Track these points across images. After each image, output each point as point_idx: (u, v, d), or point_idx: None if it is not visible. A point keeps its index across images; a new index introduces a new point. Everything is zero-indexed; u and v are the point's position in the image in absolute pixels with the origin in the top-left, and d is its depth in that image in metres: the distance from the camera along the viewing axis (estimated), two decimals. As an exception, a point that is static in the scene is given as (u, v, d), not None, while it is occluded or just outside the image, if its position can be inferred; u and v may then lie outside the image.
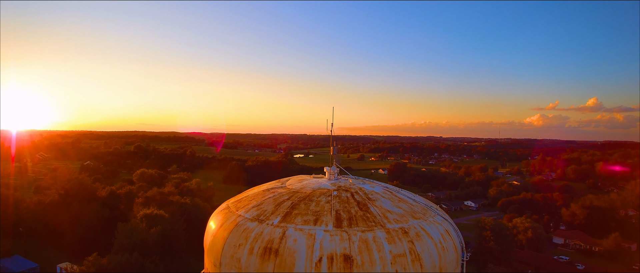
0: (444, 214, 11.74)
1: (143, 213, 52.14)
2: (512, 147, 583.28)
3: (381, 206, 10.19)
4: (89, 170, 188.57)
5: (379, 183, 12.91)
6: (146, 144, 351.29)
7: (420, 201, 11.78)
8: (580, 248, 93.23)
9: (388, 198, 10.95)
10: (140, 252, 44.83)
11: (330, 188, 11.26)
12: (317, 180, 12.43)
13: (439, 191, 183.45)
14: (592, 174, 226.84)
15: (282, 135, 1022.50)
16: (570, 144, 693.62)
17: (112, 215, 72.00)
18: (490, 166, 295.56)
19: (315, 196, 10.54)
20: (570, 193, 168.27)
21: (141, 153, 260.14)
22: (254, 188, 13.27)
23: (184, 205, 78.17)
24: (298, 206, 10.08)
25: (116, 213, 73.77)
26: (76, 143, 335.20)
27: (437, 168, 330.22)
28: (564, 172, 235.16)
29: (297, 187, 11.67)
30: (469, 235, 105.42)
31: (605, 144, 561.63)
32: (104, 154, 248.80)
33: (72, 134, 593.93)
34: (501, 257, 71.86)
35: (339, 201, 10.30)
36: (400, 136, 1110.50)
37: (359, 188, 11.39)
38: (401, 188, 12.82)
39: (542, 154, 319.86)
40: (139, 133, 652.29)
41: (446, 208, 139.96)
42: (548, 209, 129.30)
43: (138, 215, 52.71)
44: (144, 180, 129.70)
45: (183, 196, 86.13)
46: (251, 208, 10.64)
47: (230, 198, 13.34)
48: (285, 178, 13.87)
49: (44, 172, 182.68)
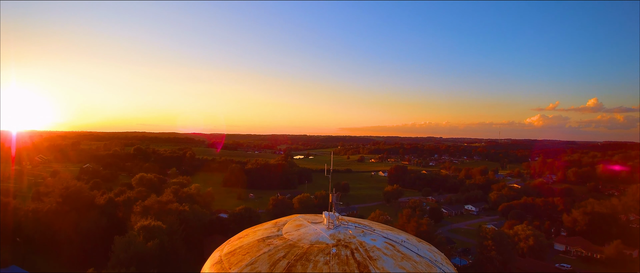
0: (449, 268, 11.10)
1: (140, 225, 51.55)
2: (513, 148, 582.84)
3: (383, 268, 9.55)
4: (88, 173, 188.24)
5: (380, 231, 12.23)
6: (146, 146, 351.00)
7: (425, 254, 11.12)
8: (582, 256, 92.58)
9: (390, 255, 10.29)
10: (137, 266, 44.29)
11: (329, 241, 10.59)
12: (316, 229, 11.77)
13: (439, 195, 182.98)
14: (593, 177, 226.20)
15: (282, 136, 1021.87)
16: (571, 144, 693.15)
17: (110, 224, 71.48)
18: (491, 168, 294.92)
19: (313, 255, 9.89)
20: (571, 197, 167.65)
21: (141, 155, 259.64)
22: (249, 232, 12.57)
23: (183, 212, 77.67)
24: (294, 266, 9.42)
25: (114, 222, 73.26)
26: (76, 144, 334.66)
27: (437, 170, 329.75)
28: (564, 175, 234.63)
29: (294, 238, 11.00)
30: (470, 241, 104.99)
31: (605, 145, 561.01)
32: (104, 157, 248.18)
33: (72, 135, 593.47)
34: (503, 266, 71.30)
35: (338, 261, 9.64)
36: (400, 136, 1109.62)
37: (359, 243, 10.71)
38: (405, 240, 12.12)
39: (542, 156, 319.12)
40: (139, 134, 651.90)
41: (447, 212, 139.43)
42: (549, 214, 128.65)
43: (135, 226, 52.12)
44: (143, 185, 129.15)
45: (182, 203, 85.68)
46: (245, 267, 9.99)
47: (224, 243, 12.66)
48: (282, 219, 13.18)
49: (44, 175, 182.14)
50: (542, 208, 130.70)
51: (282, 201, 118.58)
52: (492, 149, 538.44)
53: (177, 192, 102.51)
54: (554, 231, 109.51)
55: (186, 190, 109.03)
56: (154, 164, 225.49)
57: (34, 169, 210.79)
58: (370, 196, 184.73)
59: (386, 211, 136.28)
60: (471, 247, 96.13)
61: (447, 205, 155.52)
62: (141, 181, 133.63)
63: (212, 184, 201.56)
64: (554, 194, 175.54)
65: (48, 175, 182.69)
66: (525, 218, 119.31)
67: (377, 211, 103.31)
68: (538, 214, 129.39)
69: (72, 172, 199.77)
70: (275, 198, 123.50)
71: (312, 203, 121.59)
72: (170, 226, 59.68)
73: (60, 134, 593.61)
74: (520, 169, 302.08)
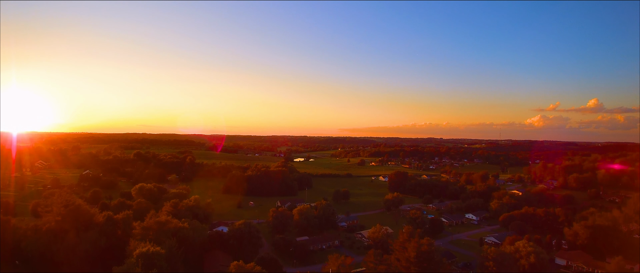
0: None
1: (139, 251, 51.25)
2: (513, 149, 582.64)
3: None
4: (88, 180, 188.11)
5: None
6: (145, 150, 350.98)
7: None
8: (583, 271, 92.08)
9: None
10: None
11: None
12: None
13: (440, 202, 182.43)
14: (594, 182, 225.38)
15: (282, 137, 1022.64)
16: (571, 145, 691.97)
17: (109, 244, 71.16)
18: (491, 173, 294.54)
19: None
20: (573, 205, 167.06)
21: (141, 160, 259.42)
22: None
23: (182, 230, 77.30)
24: None
25: (113, 241, 72.89)
26: (76, 148, 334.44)
27: (437, 174, 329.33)
28: (565, 180, 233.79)
29: None
30: (471, 254, 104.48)
31: (606, 146, 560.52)
32: (104, 162, 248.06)
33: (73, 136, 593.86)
34: (503, 285, 70.81)
35: None
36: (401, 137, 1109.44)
37: None
38: None
39: (543, 161, 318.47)
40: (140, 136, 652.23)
41: (447, 222, 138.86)
42: (550, 224, 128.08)
43: (134, 253, 51.81)
44: (142, 195, 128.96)
45: (181, 218, 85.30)
46: None
47: None
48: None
49: (45, 182, 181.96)
50: (543, 218, 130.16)
51: (282, 213, 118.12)
52: (492, 151, 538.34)
53: (176, 205, 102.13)
54: (555, 244, 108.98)
55: (186, 202, 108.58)
56: (154, 170, 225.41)
57: (35, 175, 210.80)
58: (370, 203, 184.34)
59: (386, 221, 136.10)
60: (472, 260, 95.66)
61: (447, 213, 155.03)
62: (141, 192, 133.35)
63: (212, 190, 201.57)
64: (555, 202, 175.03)
65: (49, 181, 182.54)
66: (526, 230, 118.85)
67: (377, 225, 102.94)
68: (539, 225, 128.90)
69: (72, 178, 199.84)
70: (274, 210, 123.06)
71: (313, 214, 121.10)
72: (170, 250, 59.38)
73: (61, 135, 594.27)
74: (520, 174, 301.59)
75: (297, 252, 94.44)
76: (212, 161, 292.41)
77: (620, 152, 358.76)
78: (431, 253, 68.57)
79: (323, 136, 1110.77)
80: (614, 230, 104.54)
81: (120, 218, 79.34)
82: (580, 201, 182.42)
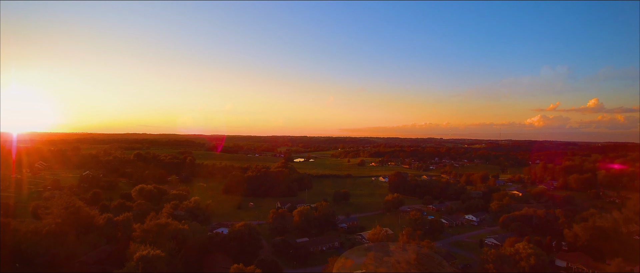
0: None
1: (139, 255, 51.32)
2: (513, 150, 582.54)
3: None
4: (88, 181, 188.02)
5: None
6: (146, 150, 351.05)
7: None
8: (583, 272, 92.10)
9: None
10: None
11: None
12: None
13: (440, 203, 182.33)
14: (594, 183, 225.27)
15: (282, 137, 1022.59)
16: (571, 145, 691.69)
17: (109, 247, 71.13)
18: (491, 173, 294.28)
19: None
20: (573, 205, 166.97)
21: (141, 161, 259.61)
22: None
23: (182, 232, 77.34)
24: None
25: (113, 245, 72.90)
26: (76, 149, 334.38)
27: (437, 174, 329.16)
28: (565, 181, 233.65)
29: None
30: (471, 255, 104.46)
31: (606, 146, 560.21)
32: (104, 163, 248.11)
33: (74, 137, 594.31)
34: (503, 288, 70.84)
35: None
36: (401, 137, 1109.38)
37: None
38: None
39: (543, 161, 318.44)
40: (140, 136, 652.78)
41: (447, 223, 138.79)
42: (550, 225, 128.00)
43: (134, 256, 51.88)
44: (142, 197, 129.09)
45: (181, 221, 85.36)
46: None
47: None
48: None
49: (45, 184, 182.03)
50: (543, 219, 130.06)
51: (282, 215, 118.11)
52: (492, 151, 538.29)
53: (176, 207, 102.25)
54: (555, 246, 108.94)
55: (186, 204, 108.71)
56: (154, 171, 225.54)
57: (35, 176, 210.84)
58: (370, 204, 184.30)
59: (386, 222, 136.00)
60: (472, 262, 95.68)
61: (447, 214, 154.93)
62: (141, 193, 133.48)
63: (212, 190, 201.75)
64: (555, 202, 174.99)
65: (49, 182, 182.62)
66: (526, 232, 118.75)
67: (377, 227, 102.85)
68: (539, 226, 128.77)
69: (72, 179, 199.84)
70: (274, 211, 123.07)
71: (313, 215, 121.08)
72: (170, 253, 59.43)
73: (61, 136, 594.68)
74: (520, 175, 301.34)
75: (297, 254, 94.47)
76: (212, 162, 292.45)
77: (620, 152, 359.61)
78: (431, 255, 68.72)
79: (323, 136, 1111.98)
80: (614, 232, 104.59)
81: (121, 220, 79.44)
82: (580, 201, 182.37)
